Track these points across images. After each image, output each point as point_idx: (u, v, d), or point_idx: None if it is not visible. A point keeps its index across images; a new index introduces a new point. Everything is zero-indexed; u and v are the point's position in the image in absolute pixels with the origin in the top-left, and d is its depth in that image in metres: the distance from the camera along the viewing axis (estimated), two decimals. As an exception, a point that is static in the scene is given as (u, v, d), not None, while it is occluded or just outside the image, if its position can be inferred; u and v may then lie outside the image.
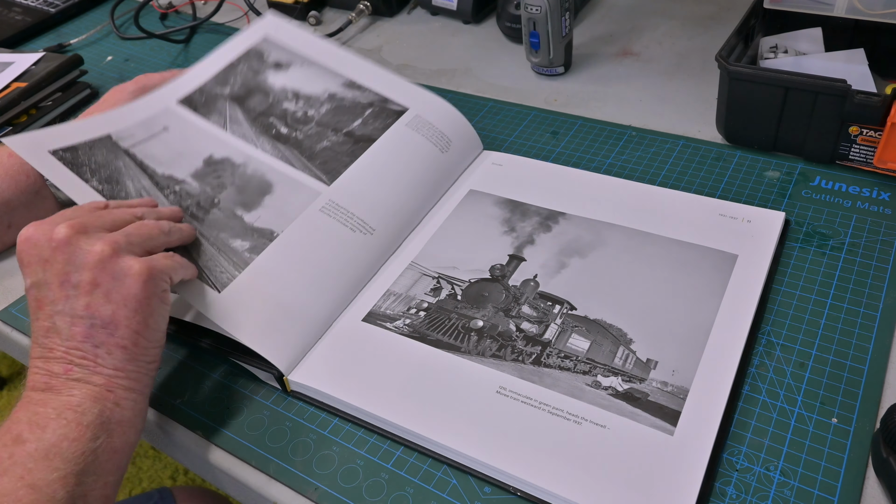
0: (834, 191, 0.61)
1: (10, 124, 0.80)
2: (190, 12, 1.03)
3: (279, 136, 0.63)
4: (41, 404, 0.42)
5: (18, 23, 1.04)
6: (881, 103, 0.56)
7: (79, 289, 0.44)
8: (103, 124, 0.62)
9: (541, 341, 0.51)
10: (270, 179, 0.60)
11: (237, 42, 0.70)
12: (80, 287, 0.44)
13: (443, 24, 0.96)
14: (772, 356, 0.50)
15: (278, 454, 0.48)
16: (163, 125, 0.63)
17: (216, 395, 0.53)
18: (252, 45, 0.70)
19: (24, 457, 0.40)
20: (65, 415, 0.42)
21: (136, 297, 0.45)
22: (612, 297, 0.53)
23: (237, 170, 0.60)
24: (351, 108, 0.66)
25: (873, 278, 0.54)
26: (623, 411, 0.46)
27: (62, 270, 0.45)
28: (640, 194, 0.62)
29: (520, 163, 0.67)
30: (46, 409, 0.42)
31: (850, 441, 0.44)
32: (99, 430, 0.42)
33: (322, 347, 0.53)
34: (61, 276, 0.45)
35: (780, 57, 0.67)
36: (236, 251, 0.55)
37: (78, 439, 0.41)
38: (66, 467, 0.40)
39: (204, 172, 0.60)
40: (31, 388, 0.44)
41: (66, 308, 0.44)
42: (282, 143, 0.63)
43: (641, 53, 0.83)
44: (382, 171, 0.62)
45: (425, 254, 0.59)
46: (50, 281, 0.45)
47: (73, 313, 0.44)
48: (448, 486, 0.45)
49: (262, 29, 0.71)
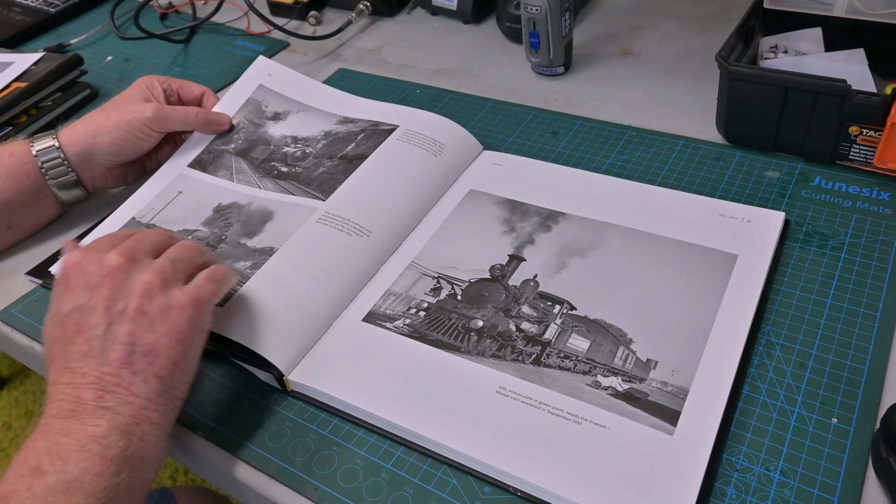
0: (834, 191, 0.61)
1: (10, 124, 0.80)
2: (190, 12, 1.03)
3: (280, 175, 0.66)
4: (63, 434, 0.40)
5: (18, 23, 1.04)
6: (881, 103, 0.56)
7: (124, 315, 0.44)
8: (127, 211, 0.66)
9: (541, 341, 0.51)
10: (272, 209, 0.63)
11: (235, 95, 0.73)
12: (126, 314, 0.44)
13: (443, 24, 0.96)
14: (772, 356, 0.50)
15: (278, 454, 0.48)
16: (177, 190, 0.67)
17: (216, 395, 0.53)
18: (249, 96, 0.73)
19: (43, 490, 0.38)
20: (88, 447, 0.40)
21: (180, 328, 0.45)
22: (612, 297, 0.53)
23: (242, 209, 0.64)
24: (345, 138, 0.68)
25: (873, 278, 0.54)
26: (623, 411, 0.46)
27: (109, 297, 0.44)
28: (640, 194, 0.62)
29: (520, 163, 0.67)
30: (69, 439, 0.40)
31: (850, 441, 0.44)
32: (122, 466, 0.41)
33: (322, 347, 0.53)
34: (108, 301, 0.44)
35: (780, 57, 0.67)
36: (240, 271, 0.57)
37: (101, 474, 0.39)
38: (87, 502, 0.38)
39: (213, 218, 0.63)
40: (52, 415, 0.42)
41: (107, 333, 0.44)
42: (282, 180, 0.65)
43: (641, 53, 0.83)
44: (376, 180, 0.63)
45: (425, 254, 0.59)
46: (95, 306, 0.44)
47: (115, 339, 0.44)
48: (448, 486, 0.45)
49: (256, 78, 0.74)
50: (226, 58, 0.93)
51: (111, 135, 0.64)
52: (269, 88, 0.74)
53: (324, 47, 0.93)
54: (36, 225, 0.67)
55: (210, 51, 0.95)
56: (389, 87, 0.83)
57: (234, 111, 0.72)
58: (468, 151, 0.68)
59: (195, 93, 0.71)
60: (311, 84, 0.75)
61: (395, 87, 0.82)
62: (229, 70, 0.90)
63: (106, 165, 0.66)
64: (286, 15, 1.00)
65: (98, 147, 0.64)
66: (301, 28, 0.99)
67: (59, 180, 0.64)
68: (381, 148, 0.66)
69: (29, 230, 0.66)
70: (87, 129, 0.64)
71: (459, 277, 0.57)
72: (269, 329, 0.52)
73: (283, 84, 0.74)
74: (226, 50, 0.95)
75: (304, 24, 0.99)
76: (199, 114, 0.68)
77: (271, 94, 0.73)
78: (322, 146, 0.68)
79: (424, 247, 0.60)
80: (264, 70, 0.75)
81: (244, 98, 0.73)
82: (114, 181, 0.68)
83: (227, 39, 0.98)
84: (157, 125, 0.65)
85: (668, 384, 0.47)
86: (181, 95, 0.71)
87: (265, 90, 0.73)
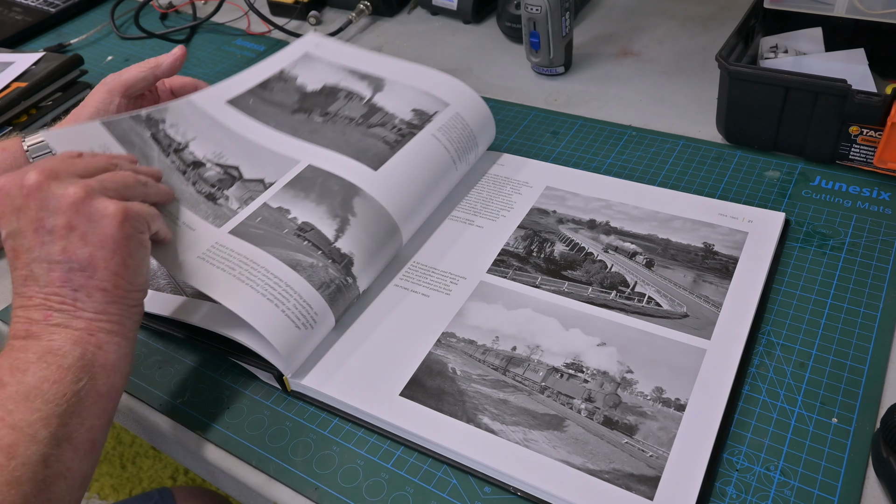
0: (834, 191, 0.61)
1: (10, 124, 0.80)
2: (190, 12, 1.03)
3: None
4: (22, 350, 0.42)
5: (18, 23, 1.04)
6: (881, 103, 0.56)
7: (54, 233, 0.44)
8: None
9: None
10: None
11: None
12: (56, 232, 0.44)
13: (443, 24, 0.96)
14: (772, 356, 0.50)
15: (278, 454, 0.48)
16: None
17: (216, 395, 0.53)
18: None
19: (4, 399, 0.40)
20: (45, 358, 0.42)
21: (112, 237, 0.44)
22: (613, 297, 0.54)
23: None
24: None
25: (873, 278, 0.54)
26: (623, 411, 0.46)
27: (36, 217, 0.44)
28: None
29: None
30: (27, 354, 0.42)
31: (850, 441, 0.44)
32: (81, 373, 0.42)
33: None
34: (35, 222, 0.44)
35: (780, 57, 0.67)
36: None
37: (59, 381, 0.41)
38: (48, 408, 0.40)
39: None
40: (12, 336, 0.44)
41: (42, 254, 0.44)
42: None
43: (641, 53, 0.83)
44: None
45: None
46: (24, 228, 0.44)
47: (50, 258, 0.44)
48: (448, 486, 0.45)
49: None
50: (226, 58, 0.93)
51: (90, 117, 0.64)
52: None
53: (324, 47, 0.93)
54: None
55: (210, 51, 0.95)
56: (389, 87, 0.83)
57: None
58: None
59: (182, 81, 0.71)
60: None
61: (396, 87, 0.82)
62: (229, 70, 0.90)
63: None
64: (286, 15, 1.00)
65: None
66: (301, 28, 0.99)
67: None
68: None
69: None
70: (72, 122, 0.65)
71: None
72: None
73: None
74: (226, 50, 0.95)
75: (304, 23, 0.99)
76: (150, 61, 0.67)
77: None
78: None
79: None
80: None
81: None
82: None
83: (227, 39, 0.98)
84: (119, 86, 0.65)
85: (668, 384, 0.47)
86: (169, 85, 0.70)
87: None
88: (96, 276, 0.44)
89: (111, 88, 0.65)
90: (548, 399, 0.47)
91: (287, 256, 0.51)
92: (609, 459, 0.44)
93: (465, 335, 0.52)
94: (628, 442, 0.45)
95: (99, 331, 0.44)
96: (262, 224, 0.54)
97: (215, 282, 0.49)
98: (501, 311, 0.54)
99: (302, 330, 0.50)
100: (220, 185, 0.57)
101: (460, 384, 0.49)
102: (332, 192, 0.56)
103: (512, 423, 0.46)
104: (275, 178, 0.58)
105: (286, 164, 0.59)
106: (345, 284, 0.52)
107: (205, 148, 0.59)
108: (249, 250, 0.51)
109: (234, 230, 0.53)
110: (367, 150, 0.59)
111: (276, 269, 0.50)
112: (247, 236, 0.53)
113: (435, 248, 0.60)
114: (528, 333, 0.52)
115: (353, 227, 0.54)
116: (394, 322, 0.54)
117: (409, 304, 0.55)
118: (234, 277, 0.50)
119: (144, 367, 0.55)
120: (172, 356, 0.56)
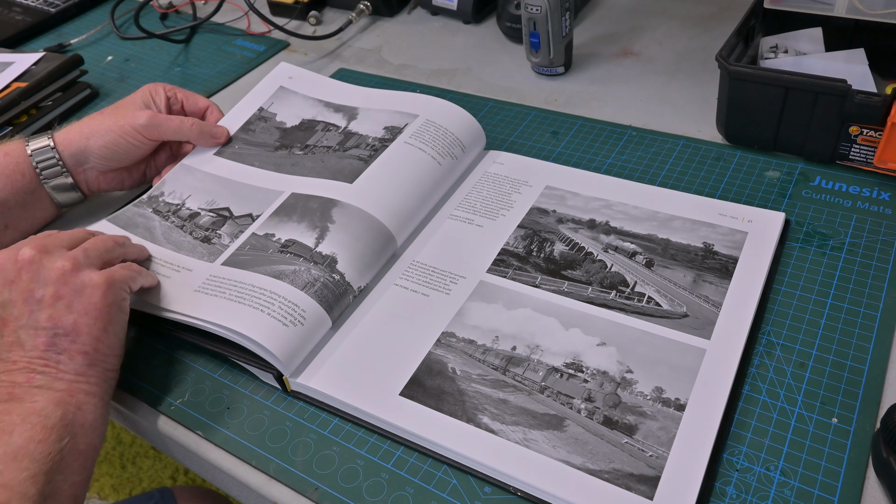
0: (834, 191, 0.61)
1: (10, 124, 0.80)
2: (190, 12, 1.03)
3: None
4: (6, 413, 0.44)
5: (18, 23, 1.04)
6: (881, 103, 0.56)
7: (42, 303, 0.47)
8: None
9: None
10: None
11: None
12: (44, 301, 0.47)
13: (443, 24, 0.96)
14: (772, 356, 0.50)
15: (278, 454, 0.48)
16: None
17: (216, 395, 0.53)
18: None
19: None
20: (29, 419, 0.44)
21: (96, 305, 0.48)
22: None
23: None
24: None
25: (873, 278, 0.54)
26: (623, 411, 0.46)
27: (27, 288, 0.48)
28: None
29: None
30: (11, 416, 0.44)
31: (850, 441, 0.44)
32: (63, 432, 0.44)
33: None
34: (26, 293, 0.48)
35: (780, 57, 0.67)
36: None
37: (44, 440, 0.43)
38: (35, 467, 0.42)
39: None
40: None
41: (29, 321, 0.47)
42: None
43: (641, 53, 0.83)
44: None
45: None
46: (15, 299, 0.48)
47: (37, 325, 0.47)
48: (448, 486, 0.45)
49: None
50: (226, 58, 0.93)
51: (104, 138, 0.63)
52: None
53: (324, 47, 0.93)
54: (32, 226, 0.66)
55: (210, 51, 0.95)
56: (390, 87, 0.83)
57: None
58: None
59: (199, 105, 0.71)
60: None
61: (396, 87, 0.82)
62: (230, 70, 0.90)
63: (99, 169, 0.65)
64: (286, 15, 1.00)
65: (91, 149, 0.64)
66: (301, 28, 0.99)
67: (54, 181, 0.64)
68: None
69: (25, 231, 0.66)
70: (82, 131, 0.64)
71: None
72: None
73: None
74: (226, 50, 0.95)
75: (304, 23, 0.99)
76: (195, 125, 0.66)
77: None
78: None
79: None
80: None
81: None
82: (108, 185, 0.67)
83: (227, 39, 0.98)
84: (149, 133, 0.64)
85: (668, 384, 0.47)
86: (185, 106, 0.70)
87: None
88: (79, 340, 0.47)
89: (150, 133, 0.65)
90: (548, 399, 0.47)
91: (271, 270, 0.55)
92: (609, 459, 0.44)
93: (465, 335, 0.52)
94: (628, 442, 0.45)
95: (79, 392, 0.47)
96: (251, 251, 0.57)
97: (206, 305, 0.53)
98: (501, 310, 0.54)
99: (290, 328, 0.50)
100: (213, 227, 0.61)
101: (460, 384, 0.49)
102: (311, 209, 0.59)
103: (512, 422, 0.46)
104: (261, 210, 0.61)
105: (271, 197, 0.62)
106: (331, 280, 0.54)
107: (199, 200, 0.64)
108: (238, 274, 0.55)
109: (226, 261, 0.57)
110: (343, 169, 0.63)
111: (261, 282, 0.54)
112: (237, 264, 0.56)
113: (435, 247, 0.60)
114: (527, 333, 0.52)
115: (333, 232, 0.57)
116: (394, 322, 0.54)
117: (409, 303, 0.55)
118: (224, 299, 0.53)
119: (144, 367, 0.55)
120: (172, 356, 0.56)
